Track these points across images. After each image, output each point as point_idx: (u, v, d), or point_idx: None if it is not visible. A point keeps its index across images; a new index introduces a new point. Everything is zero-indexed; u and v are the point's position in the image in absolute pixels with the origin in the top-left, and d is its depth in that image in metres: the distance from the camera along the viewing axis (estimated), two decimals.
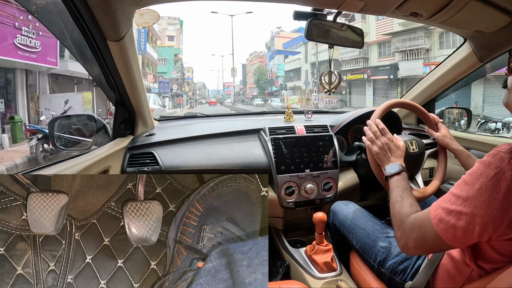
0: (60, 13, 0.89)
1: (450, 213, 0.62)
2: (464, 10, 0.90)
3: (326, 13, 1.02)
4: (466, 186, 0.61)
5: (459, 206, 0.61)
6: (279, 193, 1.25)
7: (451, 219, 0.61)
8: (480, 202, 0.58)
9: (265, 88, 40.44)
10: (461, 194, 0.61)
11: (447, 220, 0.62)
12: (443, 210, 0.63)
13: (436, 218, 0.64)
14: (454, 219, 0.61)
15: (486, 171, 0.59)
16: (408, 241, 0.69)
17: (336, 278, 1.10)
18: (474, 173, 0.61)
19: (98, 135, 1.19)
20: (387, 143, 0.94)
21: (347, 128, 1.46)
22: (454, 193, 0.63)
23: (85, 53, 1.01)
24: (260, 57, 46.38)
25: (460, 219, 0.60)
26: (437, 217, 0.64)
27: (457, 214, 0.61)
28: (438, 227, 0.63)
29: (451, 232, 0.61)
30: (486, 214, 0.57)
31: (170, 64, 32.31)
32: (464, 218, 0.59)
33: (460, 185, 0.63)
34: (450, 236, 0.61)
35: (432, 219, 0.64)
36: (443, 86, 1.50)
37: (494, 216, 0.57)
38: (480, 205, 0.58)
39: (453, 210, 0.61)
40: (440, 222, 0.63)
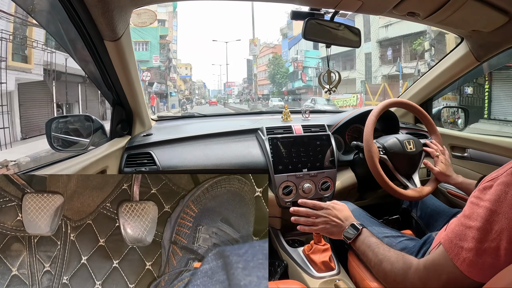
0: (57, 13, 0.89)
1: (483, 252, 0.53)
2: (461, 10, 0.90)
3: (323, 13, 1.03)
4: (495, 216, 0.53)
5: (493, 242, 0.53)
6: (277, 193, 1.25)
7: (487, 259, 0.53)
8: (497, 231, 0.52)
9: (283, 85, 32.10)
10: (491, 227, 0.53)
11: (482, 262, 0.54)
12: (470, 251, 0.55)
13: (465, 263, 0.55)
14: (491, 258, 0.53)
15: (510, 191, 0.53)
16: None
17: (334, 277, 1.10)
18: (501, 198, 0.53)
19: (96, 135, 1.18)
20: (328, 213, 0.87)
21: (344, 128, 1.46)
22: (478, 226, 0.55)
23: (82, 53, 1.01)
24: (273, 47, 37.16)
25: (499, 256, 0.52)
26: (465, 262, 0.55)
27: (493, 251, 0.53)
28: (471, 273, 0.55)
29: (489, 272, 0.53)
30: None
31: (155, 48, 23.97)
32: (504, 254, 0.52)
33: (483, 215, 0.55)
34: (489, 276, 0.53)
35: (459, 265, 0.56)
36: (440, 85, 1.50)
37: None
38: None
39: (486, 248, 0.53)
40: (471, 267, 0.55)
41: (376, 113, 1.14)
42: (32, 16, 0.95)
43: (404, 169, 1.12)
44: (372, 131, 1.11)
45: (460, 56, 1.31)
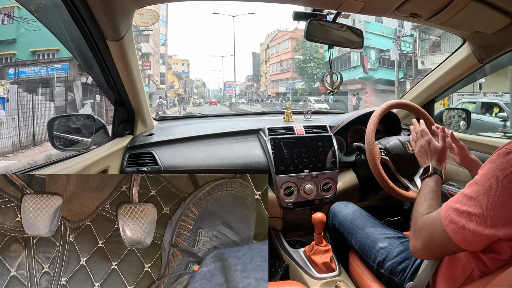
0: (60, 13, 0.89)
1: (461, 214, 0.61)
2: (463, 11, 0.90)
3: (325, 14, 1.02)
4: (477, 186, 0.61)
5: (470, 207, 0.60)
6: (278, 194, 1.25)
7: (461, 220, 0.60)
8: (491, 204, 0.57)
9: (317, 78, 23.19)
10: (472, 195, 0.61)
11: (457, 221, 0.61)
12: (453, 210, 0.63)
13: (447, 219, 0.63)
14: (465, 220, 0.60)
15: (498, 172, 0.58)
16: (417, 240, 0.70)
17: (335, 278, 1.10)
18: (485, 173, 0.60)
19: (98, 135, 1.18)
20: (423, 146, 0.94)
21: (346, 129, 1.46)
22: (465, 193, 0.62)
23: (85, 53, 1.01)
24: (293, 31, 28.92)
25: (471, 220, 0.59)
26: (448, 218, 0.63)
27: (467, 215, 0.60)
28: (449, 228, 0.62)
29: (461, 234, 0.60)
30: (497, 216, 0.56)
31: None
32: (475, 220, 0.59)
33: (472, 185, 0.62)
34: (460, 238, 0.61)
35: (443, 219, 0.64)
36: (442, 87, 1.49)
37: (505, 217, 0.56)
38: (491, 207, 0.57)
39: (464, 211, 0.61)
40: (450, 223, 0.62)
41: (378, 114, 1.14)
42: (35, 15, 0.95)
43: (405, 171, 1.12)
44: (374, 132, 1.11)
45: (463, 57, 1.30)
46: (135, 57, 1.09)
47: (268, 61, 35.23)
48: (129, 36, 1.00)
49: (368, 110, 1.41)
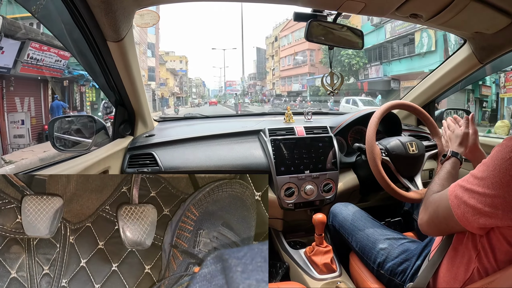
0: (60, 13, 0.89)
1: (465, 190, 0.64)
2: (464, 12, 0.90)
3: (326, 14, 1.02)
4: (483, 166, 0.63)
5: (474, 186, 0.62)
6: (279, 194, 1.24)
7: (464, 195, 0.64)
8: (493, 183, 0.59)
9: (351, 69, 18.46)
10: (477, 174, 0.63)
11: (461, 196, 0.64)
12: (460, 187, 0.66)
13: (453, 194, 0.66)
14: (467, 196, 0.63)
15: (502, 154, 0.59)
16: (424, 214, 0.75)
17: (335, 279, 1.10)
18: (492, 155, 0.62)
19: (98, 136, 1.18)
20: (448, 135, 1.03)
21: (347, 130, 1.46)
22: (473, 173, 0.65)
23: (85, 54, 1.01)
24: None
25: (472, 197, 0.62)
26: (453, 193, 0.66)
27: (470, 192, 0.63)
28: (453, 202, 0.65)
29: (462, 209, 0.63)
30: (497, 195, 0.58)
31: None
32: (476, 197, 0.61)
33: (480, 166, 0.65)
34: (460, 213, 0.64)
35: (449, 195, 0.67)
36: (443, 87, 1.50)
37: (506, 199, 0.57)
38: (492, 186, 0.59)
39: (468, 188, 0.63)
40: (455, 198, 0.65)
41: (378, 115, 1.13)
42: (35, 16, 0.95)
43: (406, 171, 1.12)
44: (375, 133, 1.11)
45: (463, 58, 1.31)
46: (135, 58, 1.09)
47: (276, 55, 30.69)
48: (130, 37, 1.00)
49: (368, 110, 1.41)
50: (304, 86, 24.93)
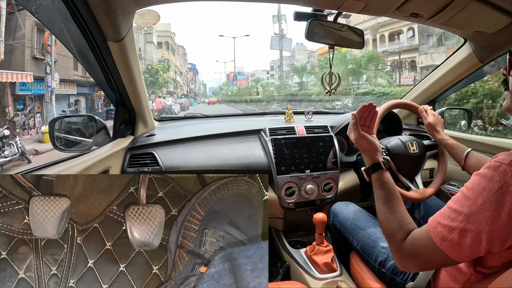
0: (61, 13, 0.89)
1: (452, 230, 0.59)
2: (464, 11, 0.90)
3: (326, 14, 1.02)
4: (467, 201, 0.59)
5: (461, 223, 0.58)
6: (279, 194, 1.25)
7: (454, 236, 0.59)
8: (485, 218, 0.56)
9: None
10: (462, 210, 0.59)
11: (451, 238, 0.59)
12: (444, 227, 0.61)
13: (438, 236, 0.61)
14: (458, 236, 0.58)
15: (489, 185, 0.57)
16: (407, 263, 0.67)
17: (336, 278, 1.10)
18: (475, 187, 0.59)
19: (99, 136, 1.18)
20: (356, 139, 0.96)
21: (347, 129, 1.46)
22: (454, 208, 0.60)
23: (86, 54, 1.01)
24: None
25: (465, 236, 0.58)
26: (438, 236, 0.61)
27: (461, 232, 0.58)
28: (442, 245, 0.60)
29: (457, 250, 0.59)
30: (491, 230, 0.55)
31: None
32: (470, 235, 0.57)
33: (460, 199, 0.60)
34: (456, 253, 0.59)
35: (434, 237, 0.62)
36: (443, 87, 1.50)
37: (500, 231, 0.55)
38: (484, 221, 0.56)
39: (455, 227, 0.59)
40: (442, 240, 0.60)
41: (379, 114, 1.13)
42: (36, 16, 0.95)
43: (406, 171, 1.12)
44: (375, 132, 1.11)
45: (463, 57, 1.31)
46: (136, 58, 1.09)
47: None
48: (130, 37, 1.00)
49: None
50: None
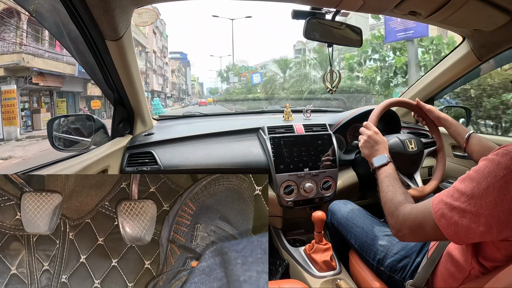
0: (58, 12, 0.89)
1: (453, 209, 0.60)
2: (462, 9, 0.89)
3: (324, 12, 1.02)
4: (472, 183, 0.59)
5: (463, 204, 0.59)
6: (278, 192, 1.25)
7: (454, 215, 0.60)
8: (487, 203, 0.56)
9: None
10: (466, 190, 0.60)
11: (450, 216, 0.60)
12: (445, 205, 0.62)
13: (438, 212, 0.62)
14: (458, 216, 0.59)
15: (495, 171, 0.57)
16: (402, 228, 0.70)
17: (335, 277, 1.10)
18: (481, 170, 0.59)
19: (97, 135, 1.18)
20: (371, 135, 0.98)
21: (346, 127, 1.46)
22: (458, 188, 0.61)
23: (84, 53, 1.01)
24: None
25: (464, 217, 0.58)
26: (439, 212, 0.62)
27: (460, 212, 0.59)
28: (440, 222, 0.62)
29: (453, 229, 0.60)
30: (491, 215, 0.56)
31: None
32: (468, 217, 0.58)
33: (465, 181, 0.61)
34: (451, 232, 0.60)
35: (434, 213, 0.63)
36: (441, 85, 1.50)
37: (500, 218, 0.55)
38: (486, 206, 0.56)
39: (456, 206, 0.60)
40: (442, 217, 0.61)
41: (377, 112, 1.13)
42: (33, 16, 0.95)
43: (405, 169, 1.12)
44: None
45: (462, 55, 1.31)
46: (134, 57, 1.09)
47: None
48: (128, 36, 1.00)
49: (368, 108, 1.41)
50: None
